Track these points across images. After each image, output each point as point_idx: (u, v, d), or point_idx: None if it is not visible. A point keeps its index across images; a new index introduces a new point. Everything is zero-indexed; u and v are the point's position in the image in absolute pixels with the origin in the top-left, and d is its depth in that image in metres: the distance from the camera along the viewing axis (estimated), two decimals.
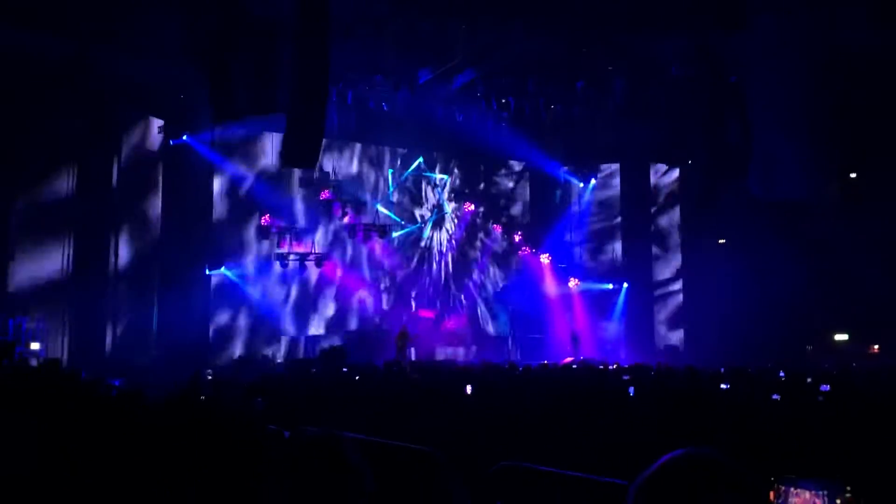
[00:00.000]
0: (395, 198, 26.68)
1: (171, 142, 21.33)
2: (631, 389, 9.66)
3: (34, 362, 15.04)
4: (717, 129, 19.87)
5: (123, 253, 20.77)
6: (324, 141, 16.98)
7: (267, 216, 23.59)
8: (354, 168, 26.13)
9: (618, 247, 27.23)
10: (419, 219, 27.27)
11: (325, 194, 24.92)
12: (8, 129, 17.92)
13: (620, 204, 27.18)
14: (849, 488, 3.15)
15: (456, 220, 27.84)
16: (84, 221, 19.44)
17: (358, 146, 26.11)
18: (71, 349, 18.55)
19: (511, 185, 28.99)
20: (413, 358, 22.21)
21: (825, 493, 3.15)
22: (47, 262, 18.94)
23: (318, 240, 24.80)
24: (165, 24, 17.04)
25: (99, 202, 19.66)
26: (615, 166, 27.38)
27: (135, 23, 17.38)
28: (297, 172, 24.09)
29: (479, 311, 27.43)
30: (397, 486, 3.31)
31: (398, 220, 26.53)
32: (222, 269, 22.54)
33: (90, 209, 19.37)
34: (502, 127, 25.13)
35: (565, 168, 27.59)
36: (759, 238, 22.30)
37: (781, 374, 13.18)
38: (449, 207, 27.73)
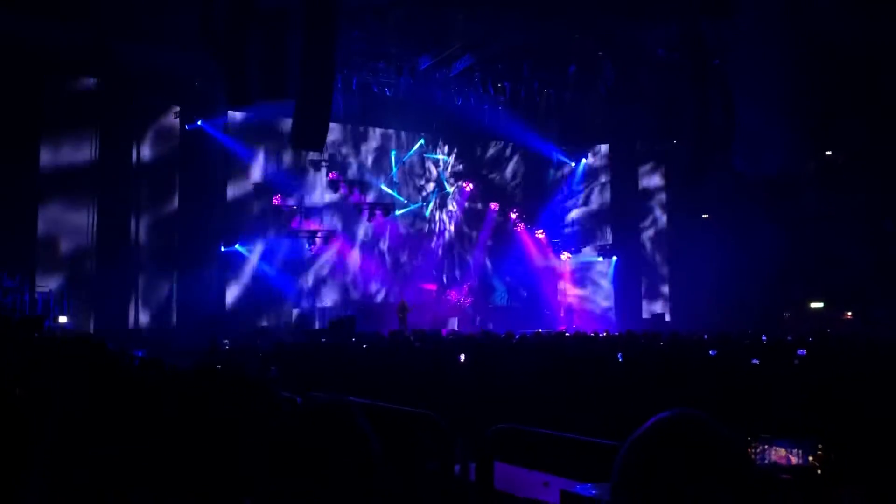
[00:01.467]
0: (398, 177, 26.62)
1: (186, 126, 21.24)
2: (619, 355, 9.73)
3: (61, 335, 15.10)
4: (701, 109, 19.74)
5: (144, 233, 20.82)
6: (331, 124, 16.94)
7: (278, 196, 23.57)
8: (359, 150, 26.05)
9: (607, 222, 27.15)
10: (421, 197, 27.22)
11: (332, 175, 24.92)
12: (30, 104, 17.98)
13: (610, 182, 27.06)
14: (820, 446, 3.18)
15: (456, 198, 27.79)
16: (106, 197, 19.55)
17: (362, 129, 26.00)
18: (97, 322, 18.63)
19: (507, 164, 28.89)
20: (417, 327, 22.27)
21: (799, 450, 3.18)
22: (73, 238, 19.01)
23: (326, 218, 24.80)
24: (180, 13, 16.86)
25: (120, 182, 19.77)
26: (605, 146, 27.25)
27: (151, 11, 17.22)
28: (306, 154, 24.01)
29: (478, 283, 27.46)
30: (401, 447, 3.34)
31: (401, 198, 26.50)
32: (237, 245, 22.54)
33: (112, 185, 19.52)
34: (499, 110, 25.04)
35: (558, 148, 27.46)
36: (739, 213, 22.27)
37: (764, 338, 13.26)
38: (449, 186, 27.67)
